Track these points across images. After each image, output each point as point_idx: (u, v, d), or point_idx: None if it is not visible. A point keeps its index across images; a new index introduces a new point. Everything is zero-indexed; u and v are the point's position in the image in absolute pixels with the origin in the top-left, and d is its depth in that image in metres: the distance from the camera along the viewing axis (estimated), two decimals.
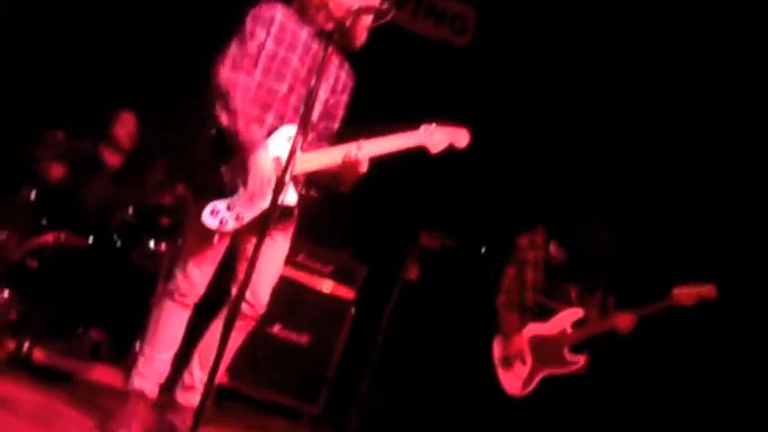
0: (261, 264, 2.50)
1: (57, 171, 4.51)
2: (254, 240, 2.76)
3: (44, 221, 4.29)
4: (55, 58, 5.11)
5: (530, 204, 5.07)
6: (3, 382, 3.15)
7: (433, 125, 2.95)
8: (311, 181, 2.98)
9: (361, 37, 2.97)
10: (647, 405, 4.78)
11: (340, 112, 3.08)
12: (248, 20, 2.87)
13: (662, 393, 4.79)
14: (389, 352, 4.51)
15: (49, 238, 4.17)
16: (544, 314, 4.14)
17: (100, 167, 4.81)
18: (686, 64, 5.03)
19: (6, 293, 3.77)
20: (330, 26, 2.91)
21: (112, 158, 4.87)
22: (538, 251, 4.20)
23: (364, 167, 2.85)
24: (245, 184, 2.76)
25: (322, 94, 2.95)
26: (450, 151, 3.10)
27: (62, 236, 4.16)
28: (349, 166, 2.83)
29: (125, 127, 4.86)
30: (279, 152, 2.79)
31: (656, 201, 5.03)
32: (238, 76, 2.80)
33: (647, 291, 4.00)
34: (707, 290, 3.88)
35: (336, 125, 3.08)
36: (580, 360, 4.02)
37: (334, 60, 3.00)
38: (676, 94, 5.11)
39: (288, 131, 2.83)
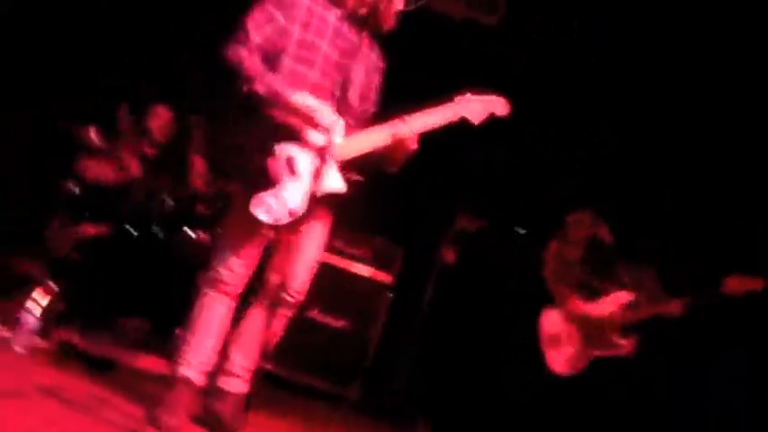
0: (301, 251, 2.49)
1: (93, 171, 4.57)
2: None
3: (87, 214, 4.36)
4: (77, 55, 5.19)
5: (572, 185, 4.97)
6: (51, 372, 3.22)
7: (468, 94, 2.90)
8: (358, 165, 2.92)
9: (390, 21, 2.95)
10: (679, 391, 4.70)
11: (373, 95, 3.07)
12: (270, 3, 2.85)
13: (695, 379, 4.70)
14: (428, 336, 4.51)
15: (90, 230, 4.24)
16: (593, 294, 4.11)
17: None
18: (678, 48, 4.87)
19: (54, 285, 3.84)
20: (363, 11, 2.90)
21: (148, 150, 4.96)
22: (584, 230, 4.17)
23: (414, 144, 2.82)
24: (292, 174, 2.75)
25: (357, 77, 2.93)
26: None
27: (104, 228, 4.23)
28: (399, 144, 2.80)
29: (158, 120, 5.00)
30: (322, 140, 2.77)
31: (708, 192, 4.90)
32: (241, 48, 2.78)
33: (692, 275, 3.94)
34: (756, 283, 3.82)
35: (372, 108, 3.07)
36: (628, 344, 3.98)
37: (366, 42, 2.98)
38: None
39: (329, 117, 2.78)
